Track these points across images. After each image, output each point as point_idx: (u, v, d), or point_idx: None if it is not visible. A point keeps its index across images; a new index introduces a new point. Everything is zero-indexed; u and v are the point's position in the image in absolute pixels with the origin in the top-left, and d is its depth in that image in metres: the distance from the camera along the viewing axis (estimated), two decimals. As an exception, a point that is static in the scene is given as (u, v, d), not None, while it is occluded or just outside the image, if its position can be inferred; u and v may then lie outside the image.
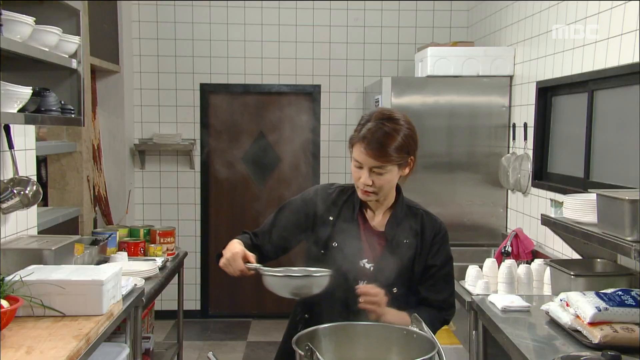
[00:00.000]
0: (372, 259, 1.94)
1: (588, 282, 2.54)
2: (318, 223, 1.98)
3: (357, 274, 1.92)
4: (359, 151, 1.84)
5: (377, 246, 1.95)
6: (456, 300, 2.97)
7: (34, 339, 2.00)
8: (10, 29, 2.15)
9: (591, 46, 3.13)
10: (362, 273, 1.93)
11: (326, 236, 1.96)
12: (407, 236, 1.95)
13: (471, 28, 5.30)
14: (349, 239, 1.94)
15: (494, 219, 4.38)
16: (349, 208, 1.98)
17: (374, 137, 1.82)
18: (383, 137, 1.82)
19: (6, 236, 2.76)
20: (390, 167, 1.86)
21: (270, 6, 5.38)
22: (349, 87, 5.47)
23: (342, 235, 1.94)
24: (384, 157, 1.83)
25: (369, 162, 1.84)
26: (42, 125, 3.64)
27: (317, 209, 2.00)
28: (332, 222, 1.96)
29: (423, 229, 1.98)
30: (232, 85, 5.45)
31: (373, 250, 1.95)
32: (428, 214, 2.03)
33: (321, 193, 2.03)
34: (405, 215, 1.98)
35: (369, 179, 1.85)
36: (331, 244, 1.94)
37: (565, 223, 2.58)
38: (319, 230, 1.97)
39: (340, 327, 1.72)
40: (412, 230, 1.96)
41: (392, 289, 1.90)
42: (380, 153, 1.82)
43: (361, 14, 5.41)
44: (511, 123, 4.26)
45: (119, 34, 5.01)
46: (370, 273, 1.92)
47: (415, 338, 1.64)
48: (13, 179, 2.73)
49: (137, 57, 5.36)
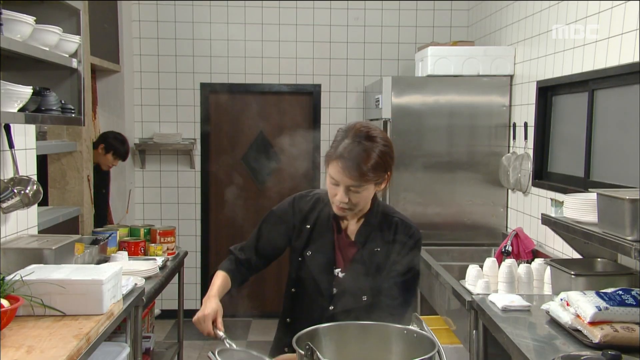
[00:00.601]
0: (344, 268, 1.95)
1: (588, 281, 2.54)
2: (297, 232, 2.01)
3: (330, 283, 1.95)
4: (336, 169, 1.81)
5: (349, 255, 1.96)
6: (457, 299, 3.00)
7: (35, 339, 2.00)
8: (11, 29, 2.15)
9: (591, 46, 3.13)
10: (334, 282, 1.95)
11: (302, 245, 1.98)
12: (378, 244, 1.95)
13: (471, 27, 5.30)
14: (323, 248, 1.96)
15: (494, 218, 4.38)
16: (325, 216, 1.99)
17: (351, 156, 1.78)
18: (360, 156, 1.78)
19: (6, 235, 2.76)
20: (367, 185, 1.84)
21: (271, 6, 5.38)
22: (349, 86, 5.47)
23: (317, 244, 1.97)
24: (361, 177, 1.80)
25: (345, 181, 1.81)
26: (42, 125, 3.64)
27: (295, 218, 2.02)
28: (309, 230, 1.99)
29: (395, 237, 1.96)
30: (232, 85, 5.45)
31: (345, 259, 1.96)
32: (403, 221, 2.00)
33: (297, 203, 2.04)
34: (379, 223, 1.97)
35: (345, 197, 1.83)
36: (306, 252, 1.97)
37: (566, 222, 2.58)
38: (297, 239, 2.00)
39: (340, 327, 1.72)
40: (385, 239, 1.95)
41: (362, 297, 1.92)
42: (358, 173, 1.79)
43: (361, 13, 5.41)
44: (511, 122, 4.26)
45: (119, 33, 5.01)
46: (341, 281, 1.94)
47: (416, 337, 1.63)
48: (13, 179, 2.73)
49: (138, 56, 5.36)
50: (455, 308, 3.16)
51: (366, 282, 1.92)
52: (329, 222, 1.98)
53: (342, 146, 1.81)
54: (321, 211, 2.00)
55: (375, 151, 1.81)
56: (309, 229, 1.99)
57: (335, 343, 1.67)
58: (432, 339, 1.58)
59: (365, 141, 1.81)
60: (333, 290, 1.95)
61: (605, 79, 3.06)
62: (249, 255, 2.06)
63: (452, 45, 4.49)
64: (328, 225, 1.97)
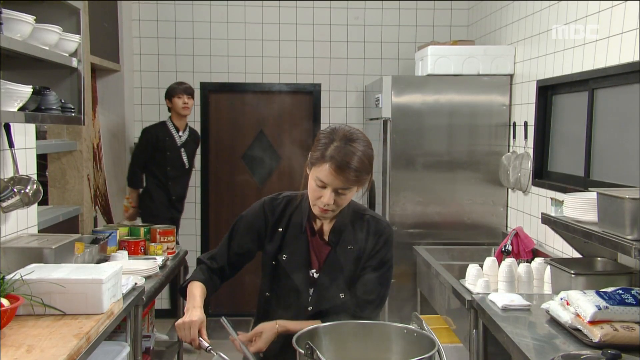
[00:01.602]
0: (319, 268, 1.97)
1: (588, 280, 2.54)
2: (269, 236, 2.01)
3: (306, 284, 1.96)
4: (325, 171, 1.80)
5: (323, 255, 1.97)
6: (457, 299, 3.00)
7: (35, 338, 2.00)
8: (11, 28, 2.15)
9: (592, 45, 3.13)
10: (310, 282, 1.96)
11: (276, 248, 1.99)
12: (351, 242, 1.96)
13: (471, 27, 5.30)
14: (297, 250, 1.97)
15: (494, 217, 4.38)
16: (297, 218, 1.99)
17: (344, 159, 1.78)
18: (352, 159, 1.79)
19: (6, 235, 2.77)
20: (353, 187, 1.85)
21: (271, 5, 5.37)
22: (349, 85, 5.47)
23: (291, 247, 1.97)
24: (352, 178, 1.80)
25: (335, 184, 1.81)
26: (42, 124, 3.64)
27: (267, 221, 2.02)
28: (282, 233, 1.99)
29: (368, 233, 1.97)
30: (232, 84, 5.45)
31: (319, 259, 1.97)
32: (374, 218, 2.02)
33: (268, 206, 2.04)
34: (350, 221, 1.98)
35: (332, 199, 1.83)
36: (281, 256, 1.98)
37: (566, 222, 2.58)
38: (270, 243, 2.00)
39: (340, 326, 1.72)
40: (357, 236, 1.97)
41: (339, 295, 1.93)
42: (350, 175, 1.79)
43: (361, 12, 5.41)
44: (511, 122, 4.26)
45: (119, 32, 5.01)
46: (317, 281, 1.95)
47: (416, 337, 1.64)
48: (13, 178, 2.73)
49: (137, 55, 5.36)
50: (455, 307, 3.16)
51: (342, 281, 1.94)
52: (302, 224, 1.98)
53: (332, 149, 1.80)
54: (293, 214, 2.00)
55: (363, 153, 1.83)
56: (281, 232, 1.99)
57: (335, 342, 1.67)
58: (432, 338, 1.58)
59: (354, 144, 1.82)
60: (310, 291, 1.96)
61: (605, 78, 3.06)
62: (221, 263, 2.05)
63: (452, 45, 4.49)
64: (301, 227, 1.98)
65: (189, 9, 5.35)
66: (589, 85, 3.24)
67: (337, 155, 1.79)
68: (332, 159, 1.79)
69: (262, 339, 1.87)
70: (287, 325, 1.90)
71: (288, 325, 1.89)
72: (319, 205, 1.86)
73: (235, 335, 1.85)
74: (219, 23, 5.37)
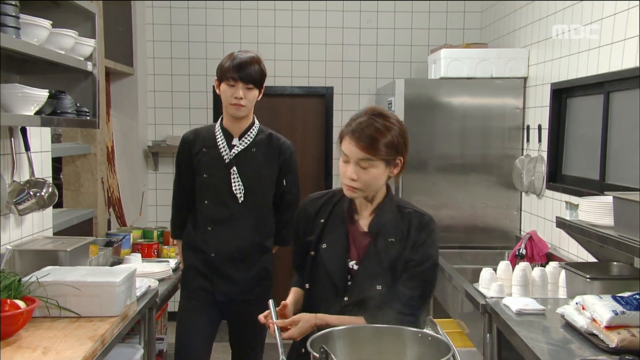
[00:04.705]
0: (358, 259, 1.96)
1: (604, 285, 2.52)
2: (310, 227, 2.04)
3: (344, 275, 1.95)
4: (347, 144, 1.86)
5: (363, 246, 1.96)
6: (470, 302, 2.98)
7: (50, 340, 2.02)
8: (28, 32, 2.17)
9: (607, 47, 3.10)
10: (348, 272, 1.96)
11: (316, 238, 2.00)
12: (392, 235, 1.94)
13: (484, 30, 5.28)
14: (337, 240, 1.98)
15: (507, 221, 4.35)
16: (339, 210, 2.01)
17: (364, 131, 1.84)
18: (372, 131, 1.84)
19: (22, 237, 2.79)
20: (377, 162, 1.85)
21: (283, 8, 5.39)
22: (361, 89, 5.47)
23: (331, 236, 1.98)
24: (371, 149, 1.83)
25: (356, 155, 1.84)
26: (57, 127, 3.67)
27: (308, 215, 2.06)
28: (323, 223, 2.01)
29: (410, 227, 1.95)
30: (245, 87, 5.45)
31: (359, 250, 1.97)
32: (417, 212, 1.99)
33: (310, 202, 2.09)
34: (392, 214, 1.97)
35: (355, 173, 1.85)
36: (321, 245, 1.99)
37: (581, 226, 2.56)
38: (312, 234, 2.03)
39: (354, 330, 1.72)
40: (399, 230, 1.95)
41: (376, 286, 1.91)
42: (368, 145, 1.83)
43: (374, 15, 5.41)
44: (525, 125, 4.23)
45: (133, 36, 5.04)
46: (356, 273, 1.95)
47: (430, 341, 1.63)
48: (29, 181, 2.76)
49: (151, 59, 5.39)
50: (469, 311, 3.14)
51: (380, 272, 1.91)
52: (343, 215, 1.99)
53: (356, 122, 1.87)
54: (335, 204, 2.03)
55: (388, 129, 1.85)
56: (323, 222, 2.01)
57: (349, 346, 1.67)
58: (447, 342, 1.57)
59: (379, 118, 1.87)
60: (347, 282, 1.95)
61: (621, 81, 3.03)
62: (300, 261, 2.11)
63: (465, 48, 4.47)
64: (342, 217, 1.99)
65: (202, 12, 5.37)
66: (604, 88, 3.21)
67: (358, 127, 1.85)
68: (354, 131, 1.85)
69: (297, 328, 1.85)
70: (326, 319, 1.87)
71: (327, 319, 1.87)
72: (345, 183, 1.89)
73: (274, 319, 1.84)
74: (231, 27, 5.39)
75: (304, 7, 5.39)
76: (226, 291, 2.78)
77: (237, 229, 2.73)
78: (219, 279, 2.77)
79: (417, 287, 1.91)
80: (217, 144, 2.75)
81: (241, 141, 2.75)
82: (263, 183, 2.78)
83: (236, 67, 2.68)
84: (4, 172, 2.61)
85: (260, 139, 2.79)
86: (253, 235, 2.77)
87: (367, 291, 1.90)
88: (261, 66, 2.76)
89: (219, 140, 2.75)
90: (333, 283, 1.95)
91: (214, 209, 2.75)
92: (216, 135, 2.77)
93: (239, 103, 2.67)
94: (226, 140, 2.75)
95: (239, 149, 2.74)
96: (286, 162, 2.84)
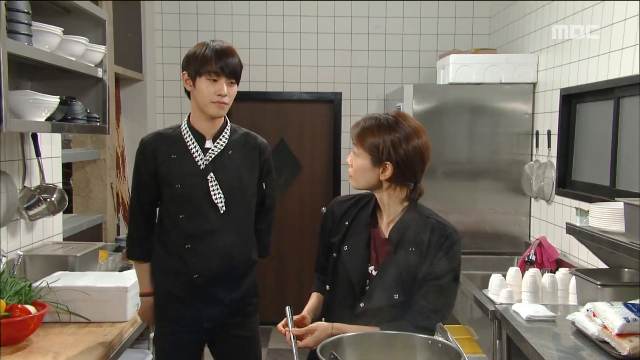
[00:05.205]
0: (377, 265, 1.94)
1: (615, 292, 2.50)
2: (334, 230, 2.05)
3: (363, 280, 1.94)
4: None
5: (383, 252, 1.95)
6: (479, 309, 2.97)
7: (61, 345, 2.02)
8: (40, 40, 2.19)
9: (617, 53, 3.09)
10: (367, 278, 1.94)
11: (340, 240, 2.00)
12: (413, 244, 1.92)
13: (493, 35, 5.27)
14: (358, 243, 1.96)
15: (516, 227, 4.33)
16: (364, 214, 2.00)
17: (365, 122, 1.93)
18: (369, 124, 1.91)
19: (33, 243, 2.81)
20: (363, 154, 1.90)
21: (292, 14, 5.41)
22: (370, 94, 5.47)
23: (353, 239, 1.97)
24: (358, 138, 1.92)
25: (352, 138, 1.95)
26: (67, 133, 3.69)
27: (334, 217, 2.06)
28: (347, 226, 2.01)
29: (431, 237, 1.93)
30: (253, 93, 5.48)
31: (379, 257, 1.95)
32: (440, 223, 1.96)
33: (338, 204, 2.08)
34: (415, 223, 1.95)
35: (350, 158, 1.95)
36: (343, 247, 1.98)
37: (591, 232, 2.55)
38: (336, 236, 2.03)
39: (364, 336, 1.71)
40: (420, 238, 1.92)
41: (394, 295, 1.89)
42: (357, 134, 1.92)
43: (382, 21, 5.41)
44: (534, 130, 4.22)
45: (142, 42, 5.07)
46: (374, 279, 1.93)
47: (441, 347, 1.62)
48: (40, 187, 2.78)
49: (160, 65, 5.42)
50: (478, 317, 3.13)
51: (399, 281, 1.89)
52: (367, 219, 1.98)
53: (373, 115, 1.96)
54: (361, 208, 2.02)
55: (384, 130, 1.89)
56: (347, 225, 2.01)
57: (359, 353, 1.66)
58: (458, 349, 1.56)
59: (388, 120, 1.92)
60: (365, 288, 1.93)
61: (632, 87, 3.02)
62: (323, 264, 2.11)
63: (474, 53, 4.47)
64: (366, 221, 1.98)
65: (211, 19, 5.40)
66: (614, 93, 3.20)
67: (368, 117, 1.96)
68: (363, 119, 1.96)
69: (313, 337, 1.83)
70: (343, 329, 1.84)
71: (344, 329, 1.84)
72: None
73: (291, 327, 1.83)
74: (240, 33, 5.41)
75: (313, 13, 5.40)
76: (214, 316, 2.33)
77: (221, 243, 2.31)
78: (203, 303, 2.31)
79: (436, 299, 1.88)
80: (189, 149, 2.31)
81: (216, 143, 2.33)
82: (245, 189, 2.38)
83: (217, 58, 2.29)
84: (15, 178, 2.62)
85: (235, 139, 2.40)
86: (239, 248, 2.36)
87: (383, 299, 1.89)
88: (239, 58, 2.43)
89: (189, 144, 2.31)
90: (352, 286, 1.94)
91: (193, 223, 2.29)
92: (185, 138, 2.33)
93: (222, 101, 2.28)
94: (198, 144, 2.31)
95: (214, 152, 2.32)
96: (267, 162, 2.49)
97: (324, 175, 5.58)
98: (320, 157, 5.59)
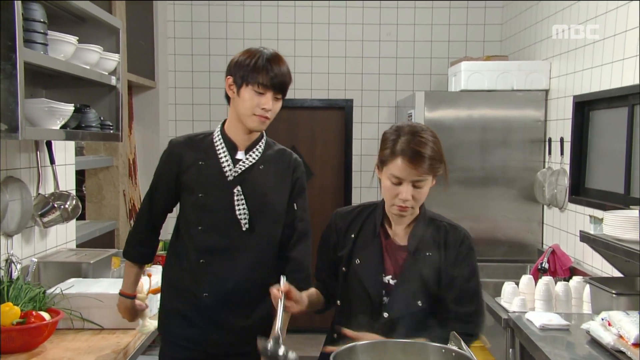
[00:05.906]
0: (395, 274, 1.92)
1: (630, 301, 2.47)
2: (340, 243, 2.00)
3: (380, 291, 1.91)
4: (398, 166, 1.81)
5: (399, 260, 1.93)
6: (492, 317, 2.95)
7: (74, 352, 2.03)
8: (55, 48, 2.21)
9: (632, 60, 3.07)
10: (383, 288, 1.91)
11: (348, 253, 1.96)
12: (430, 249, 1.91)
13: (505, 42, 5.26)
14: (371, 255, 1.93)
15: (529, 234, 4.31)
16: (370, 224, 1.97)
17: (415, 148, 1.80)
18: (424, 147, 1.81)
19: (47, 249, 2.82)
20: (429, 178, 1.85)
21: (304, 21, 5.42)
22: (381, 101, 5.47)
23: (364, 252, 1.94)
24: (426, 167, 1.81)
25: (410, 176, 1.81)
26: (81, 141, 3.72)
27: (338, 230, 2.01)
28: (354, 239, 1.97)
29: (446, 240, 1.93)
30: (264, 100, 5.48)
31: (395, 265, 1.93)
32: (452, 225, 1.98)
33: (340, 217, 2.04)
34: (428, 227, 1.94)
35: (410, 193, 1.82)
36: (354, 261, 1.94)
37: (606, 240, 2.53)
38: (342, 249, 1.98)
39: (377, 344, 1.71)
40: (436, 243, 1.92)
41: (417, 302, 1.87)
42: (424, 163, 1.80)
43: (394, 28, 5.42)
44: (547, 137, 4.20)
45: (155, 50, 5.11)
46: (393, 288, 1.91)
47: (454, 356, 1.61)
48: (54, 194, 2.80)
49: (172, 72, 5.45)
50: (490, 325, 3.11)
51: (420, 288, 1.88)
52: (376, 229, 1.95)
53: (401, 142, 1.82)
54: (366, 219, 1.99)
55: (433, 142, 1.85)
56: (353, 237, 1.97)
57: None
58: (471, 357, 1.55)
59: (422, 133, 1.85)
60: (383, 299, 1.90)
61: (645, 94, 3.00)
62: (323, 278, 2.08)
63: (486, 60, 4.46)
64: (375, 232, 1.95)
65: (223, 26, 5.43)
66: (628, 100, 3.18)
67: (408, 147, 1.80)
68: (404, 152, 1.80)
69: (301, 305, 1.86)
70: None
71: None
72: (397, 204, 1.84)
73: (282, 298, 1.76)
74: (252, 40, 5.43)
75: (324, 21, 5.42)
76: (220, 342, 2.13)
77: (237, 263, 2.12)
78: (210, 327, 2.12)
79: (471, 303, 1.90)
80: (218, 156, 2.14)
81: (248, 155, 2.16)
82: (273, 208, 2.18)
83: (268, 69, 2.14)
84: (30, 185, 2.65)
85: (270, 154, 2.24)
86: (256, 271, 2.14)
87: (408, 307, 1.87)
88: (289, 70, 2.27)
89: (220, 152, 2.14)
90: (369, 299, 1.90)
91: (210, 237, 2.11)
92: (216, 145, 2.16)
93: (265, 115, 2.13)
94: (229, 153, 2.15)
95: (245, 164, 2.15)
96: (299, 180, 2.29)
97: (335, 182, 5.58)
98: (331, 164, 5.59)
